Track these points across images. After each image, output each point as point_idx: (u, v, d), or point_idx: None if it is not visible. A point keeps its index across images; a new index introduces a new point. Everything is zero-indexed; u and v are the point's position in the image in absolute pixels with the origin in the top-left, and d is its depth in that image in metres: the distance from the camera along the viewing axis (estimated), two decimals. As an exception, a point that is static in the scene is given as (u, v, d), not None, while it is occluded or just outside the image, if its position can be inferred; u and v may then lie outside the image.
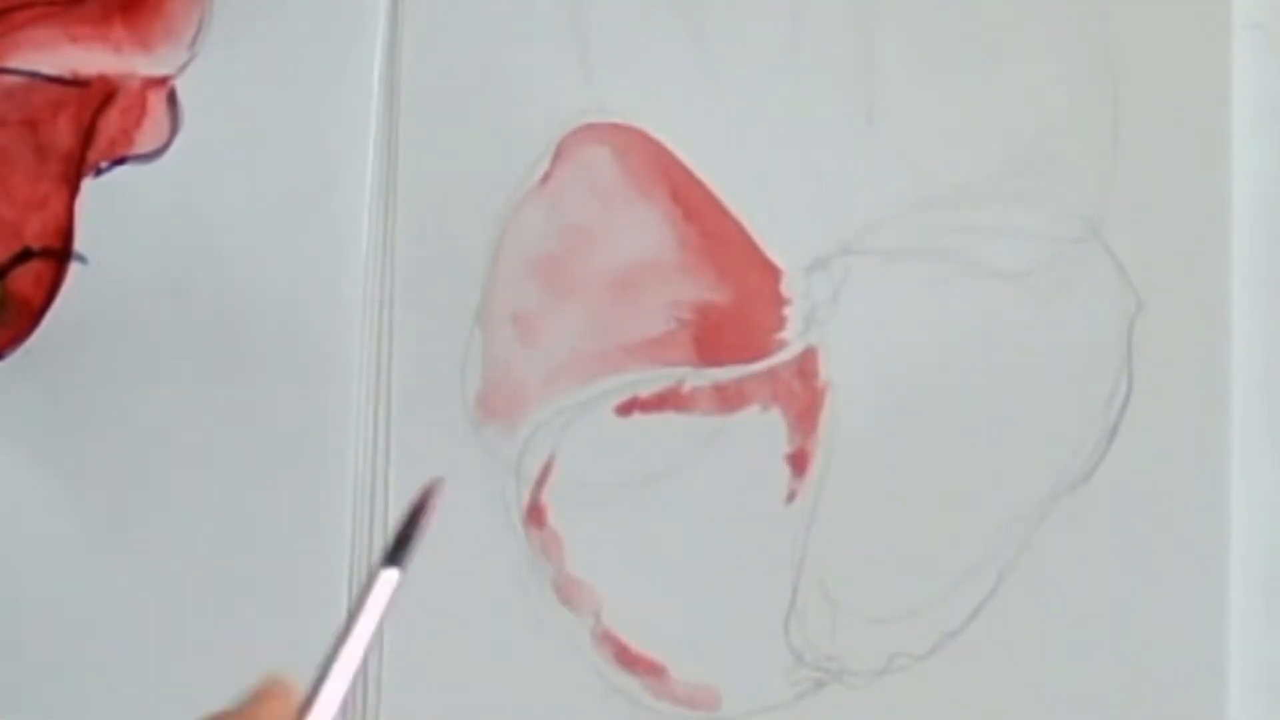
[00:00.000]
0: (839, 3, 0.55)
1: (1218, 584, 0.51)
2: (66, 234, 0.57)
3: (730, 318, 0.54)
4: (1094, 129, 0.54)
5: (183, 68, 0.57)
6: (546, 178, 0.55)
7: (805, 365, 0.54)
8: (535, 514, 0.54)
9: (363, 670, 0.54)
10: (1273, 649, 0.52)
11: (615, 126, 0.55)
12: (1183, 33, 0.54)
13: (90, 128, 0.57)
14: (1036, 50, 0.54)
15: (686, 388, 0.54)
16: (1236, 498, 0.52)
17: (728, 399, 0.54)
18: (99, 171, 0.57)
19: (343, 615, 0.54)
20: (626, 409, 0.54)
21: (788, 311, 0.54)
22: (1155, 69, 0.54)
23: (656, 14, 0.56)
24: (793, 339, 0.54)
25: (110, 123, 0.57)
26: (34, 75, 0.58)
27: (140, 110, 0.57)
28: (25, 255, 0.57)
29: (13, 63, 0.58)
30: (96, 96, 0.57)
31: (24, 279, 0.57)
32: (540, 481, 0.54)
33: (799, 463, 0.54)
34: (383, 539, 0.55)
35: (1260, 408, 0.52)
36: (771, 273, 0.54)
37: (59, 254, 0.57)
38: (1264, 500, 0.52)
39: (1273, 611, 0.52)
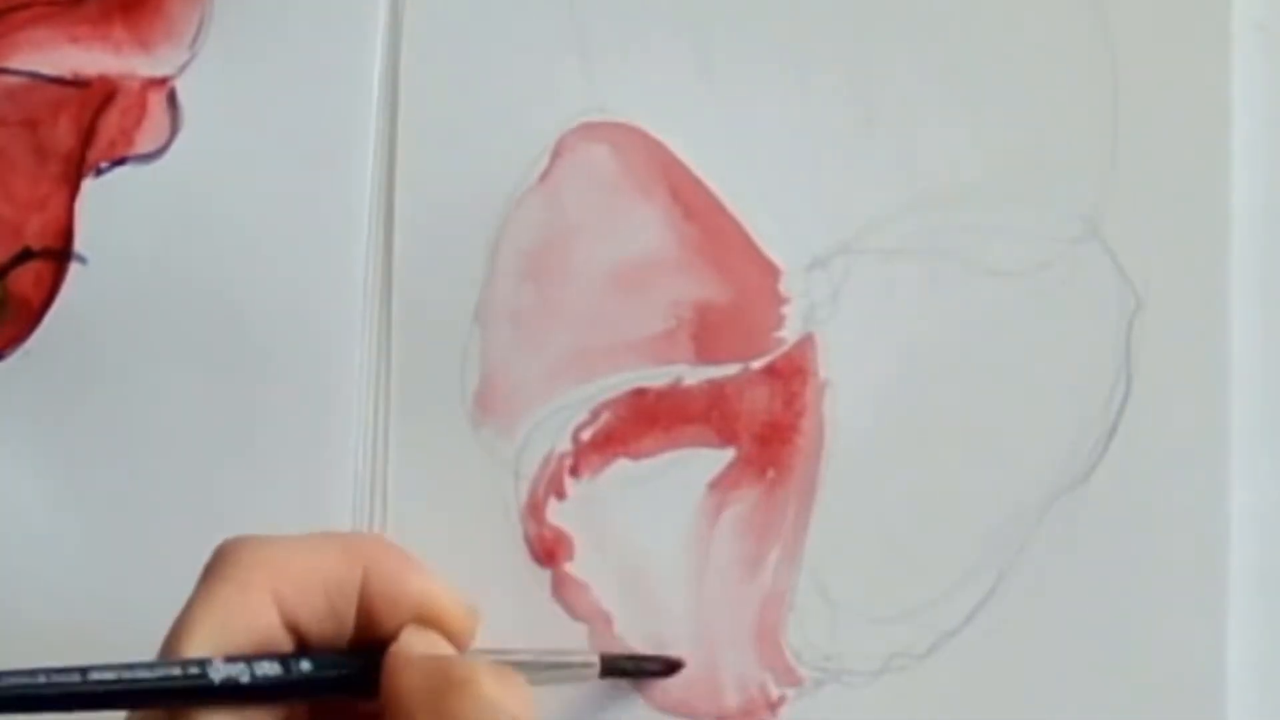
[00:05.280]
0: (838, 2, 0.55)
1: (1217, 584, 0.51)
2: (66, 234, 0.57)
3: (729, 316, 0.54)
4: (1093, 128, 0.53)
5: (183, 68, 0.57)
6: (545, 176, 0.55)
7: (804, 363, 0.54)
8: (534, 512, 0.54)
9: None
10: (1271, 648, 0.52)
11: (614, 125, 0.55)
12: (1183, 33, 0.54)
13: (90, 128, 0.57)
14: (1036, 50, 0.54)
15: (685, 385, 0.54)
16: (1236, 497, 0.52)
17: (726, 397, 0.54)
18: (99, 171, 0.57)
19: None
20: (625, 407, 0.54)
21: (786, 310, 0.54)
22: (1155, 69, 0.54)
23: (656, 13, 0.56)
24: (791, 337, 0.54)
25: (110, 123, 0.57)
26: (34, 75, 0.58)
27: (140, 110, 0.57)
28: (25, 255, 0.57)
29: (13, 63, 0.58)
30: (96, 97, 0.57)
31: (24, 279, 0.57)
32: (539, 480, 0.54)
33: (797, 461, 0.54)
34: (381, 538, 0.55)
35: (1259, 407, 0.52)
36: (770, 271, 0.54)
37: (59, 254, 0.57)
38: (1263, 499, 0.52)
39: (1271, 611, 0.52)
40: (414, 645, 0.48)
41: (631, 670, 0.53)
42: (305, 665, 0.47)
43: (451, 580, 0.54)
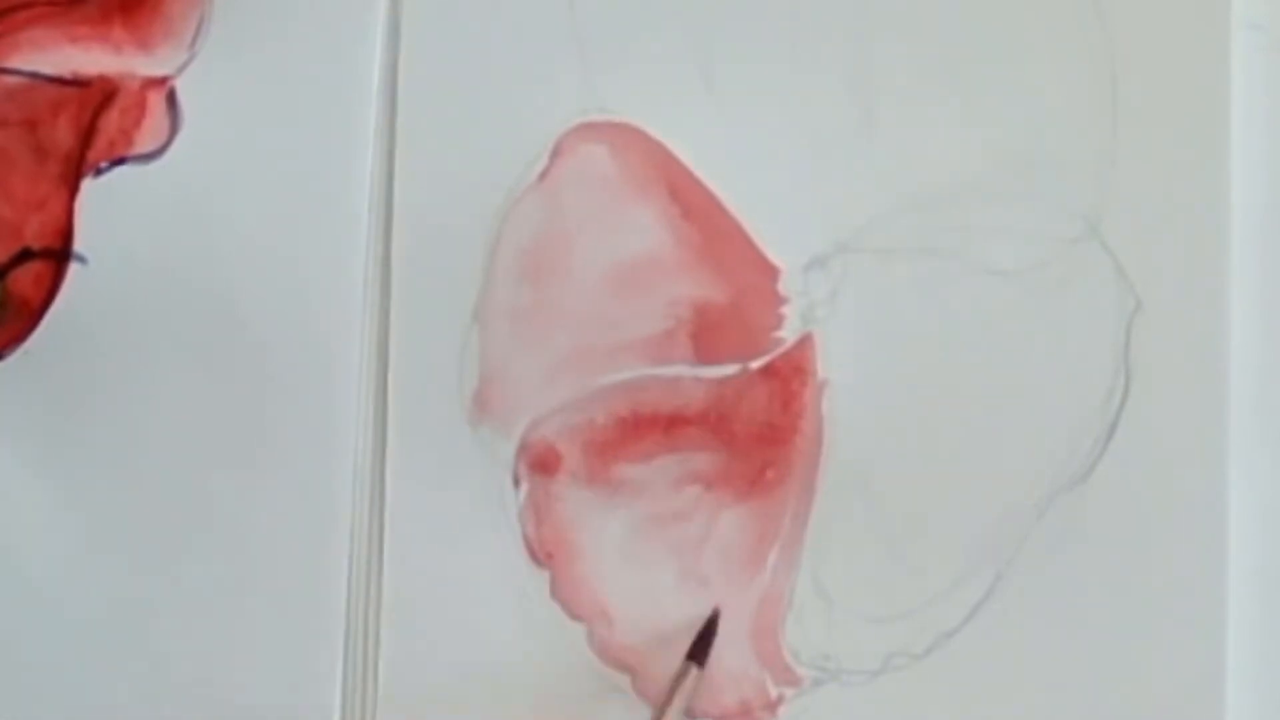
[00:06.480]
0: (838, 2, 0.55)
1: (1216, 583, 0.51)
2: (66, 234, 0.57)
3: (728, 316, 0.54)
4: (1093, 128, 0.53)
5: (183, 68, 0.57)
6: (544, 175, 0.55)
7: (802, 363, 0.54)
8: (533, 512, 0.54)
9: (360, 666, 0.54)
10: (1271, 648, 0.52)
11: (614, 125, 0.55)
12: (1182, 33, 0.54)
13: (90, 128, 0.57)
14: (1035, 49, 0.54)
15: (683, 385, 0.54)
16: (1234, 496, 0.52)
17: (724, 397, 0.54)
18: (99, 171, 0.57)
19: (342, 612, 0.55)
20: (624, 406, 0.54)
21: (785, 310, 0.54)
22: (1154, 69, 0.54)
23: (656, 14, 0.56)
24: (790, 337, 0.54)
25: (110, 123, 0.57)
26: (34, 75, 0.58)
27: (140, 110, 0.57)
28: (25, 255, 0.57)
29: (13, 63, 0.58)
30: (96, 96, 0.57)
31: (24, 279, 0.57)
32: (537, 479, 0.54)
33: (795, 460, 0.54)
34: (380, 537, 0.55)
35: (1258, 406, 0.52)
36: (769, 271, 0.54)
37: (59, 254, 0.57)
38: (1262, 499, 0.52)
39: (1271, 611, 0.52)
40: None
41: (703, 645, 0.53)
42: None
43: (449, 580, 0.54)
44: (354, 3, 0.57)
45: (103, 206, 0.57)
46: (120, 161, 0.57)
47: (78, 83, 0.57)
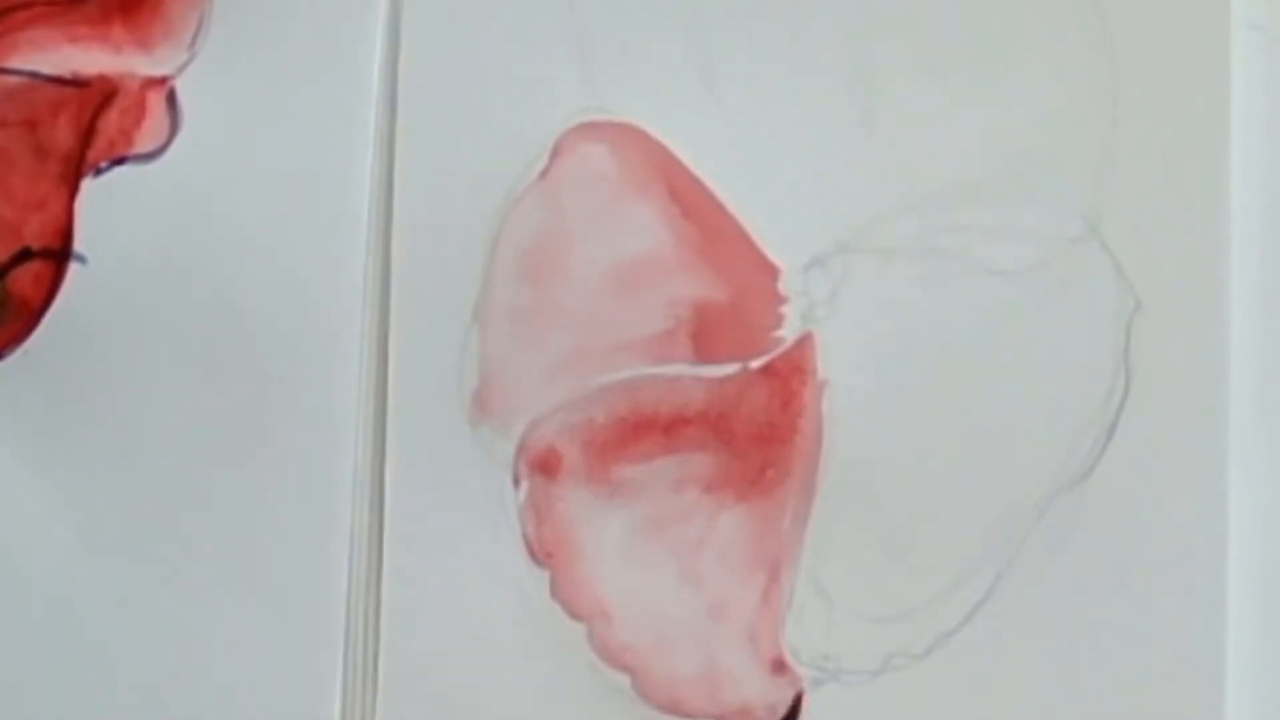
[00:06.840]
0: (838, 2, 0.55)
1: (1216, 583, 0.51)
2: (66, 234, 0.57)
3: (728, 315, 0.54)
4: (1092, 128, 0.53)
5: (182, 68, 0.57)
6: (544, 175, 0.55)
7: (802, 363, 0.54)
8: (533, 512, 0.54)
9: (360, 666, 0.54)
10: (1271, 648, 0.52)
11: (614, 124, 0.55)
12: (1182, 33, 0.54)
13: (90, 128, 0.57)
14: (1035, 49, 0.54)
15: (683, 385, 0.54)
16: (1234, 496, 0.52)
17: (724, 397, 0.54)
18: (98, 171, 0.57)
19: (342, 612, 0.55)
20: (624, 406, 0.54)
21: (785, 309, 0.54)
22: (1154, 69, 0.54)
23: (656, 14, 0.56)
24: (790, 337, 0.54)
25: (110, 123, 0.57)
26: (34, 75, 0.58)
27: (140, 110, 0.57)
28: (25, 255, 0.57)
29: (13, 63, 0.58)
30: (96, 96, 0.57)
31: (23, 279, 0.57)
32: (537, 479, 0.54)
33: (795, 460, 0.54)
34: (380, 537, 0.55)
35: (1258, 406, 0.52)
36: (769, 271, 0.54)
37: (58, 254, 0.57)
38: (1262, 499, 0.52)
39: (1271, 611, 0.52)
40: None
41: None
42: None
43: (449, 580, 0.54)
44: (354, 3, 0.57)
45: (103, 206, 0.57)
46: (120, 161, 0.57)
47: (78, 83, 0.57)
